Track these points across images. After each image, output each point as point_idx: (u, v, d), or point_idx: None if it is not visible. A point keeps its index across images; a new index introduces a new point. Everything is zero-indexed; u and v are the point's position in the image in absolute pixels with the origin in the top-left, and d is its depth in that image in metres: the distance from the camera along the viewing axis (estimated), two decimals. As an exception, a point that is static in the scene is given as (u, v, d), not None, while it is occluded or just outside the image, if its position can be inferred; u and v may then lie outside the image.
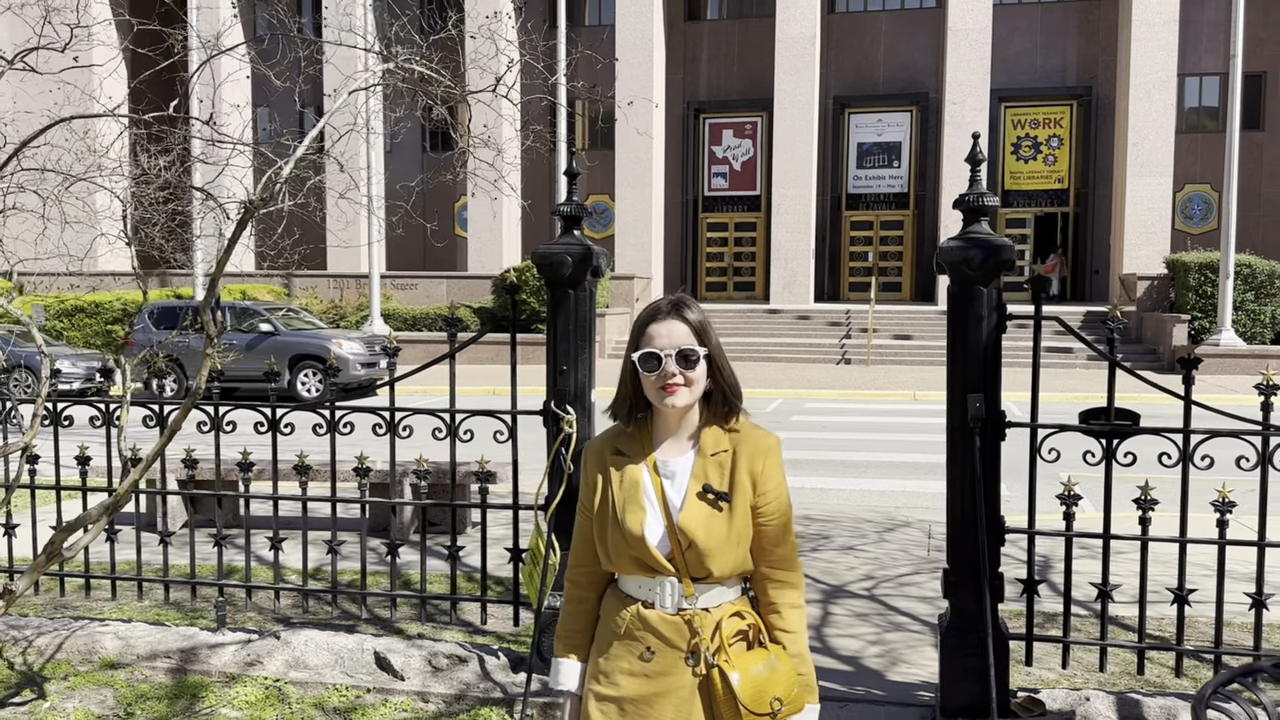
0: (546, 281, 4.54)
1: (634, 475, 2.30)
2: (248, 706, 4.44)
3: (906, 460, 12.12)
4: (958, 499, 4.22)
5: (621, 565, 2.29)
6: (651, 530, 2.25)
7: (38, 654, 4.93)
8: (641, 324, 2.30)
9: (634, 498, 2.27)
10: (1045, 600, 5.81)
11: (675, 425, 2.31)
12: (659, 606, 2.26)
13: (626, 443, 2.35)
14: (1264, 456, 4.14)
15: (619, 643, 2.29)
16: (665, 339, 2.24)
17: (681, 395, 2.24)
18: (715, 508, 2.24)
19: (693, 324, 2.26)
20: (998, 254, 4.08)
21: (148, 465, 3.82)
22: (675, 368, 2.22)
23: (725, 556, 2.24)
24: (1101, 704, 4.17)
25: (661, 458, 2.32)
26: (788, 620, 2.31)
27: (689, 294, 19.06)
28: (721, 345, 2.31)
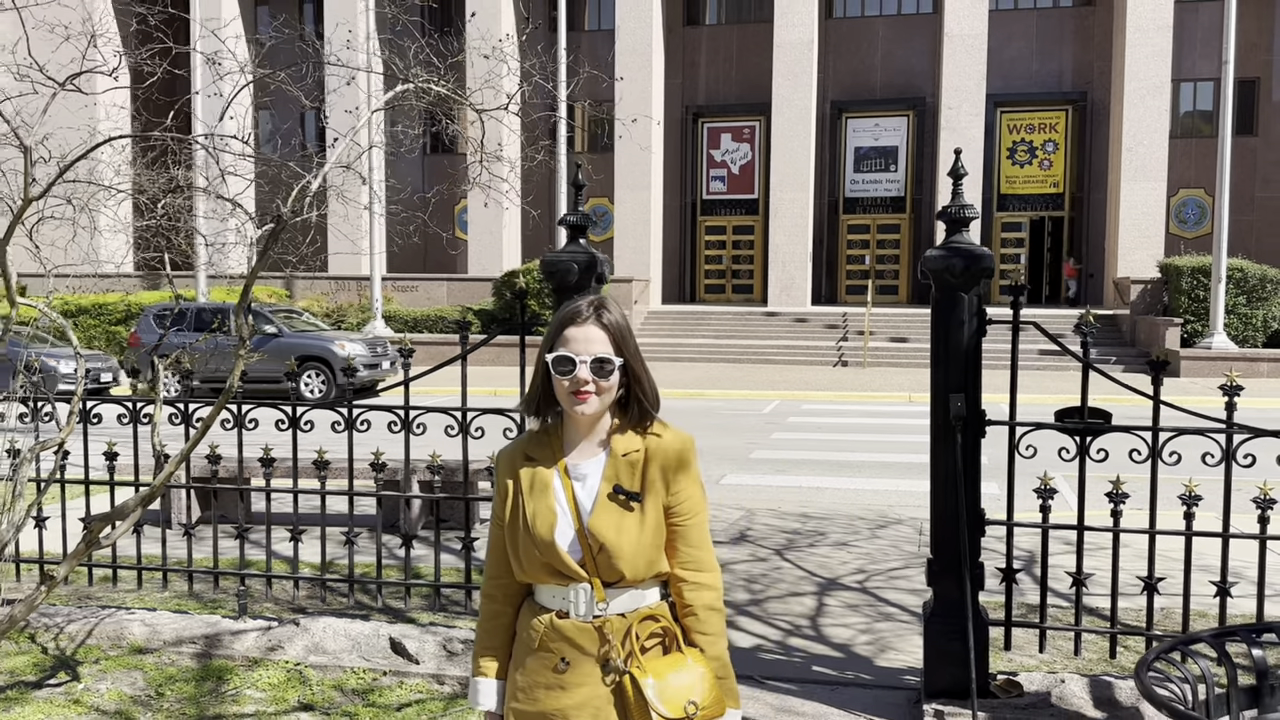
0: (554, 288, 4.81)
1: (544, 479, 2.26)
2: (271, 688, 4.70)
3: (900, 460, 12.39)
4: (941, 493, 4.49)
5: (535, 574, 2.24)
6: (562, 534, 2.20)
7: (69, 639, 5.19)
8: (560, 323, 2.24)
9: (544, 502, 2.23)
10: (1027, 594, 6.08)
11: (587, 430, 2.27)
12: (573, 615, 2.22)
13: (536, 448, 2.30)
14: (1228, 453, 4.41)
15: (534, 656, 2.24)
16: (581, 344, 2.19)
17: (591, 403, 2.20)
18: (626, 508, 2.21)
19: (611, 330, 2.21)
20: (978, 262, 4.35)
21: (182, 459, 4.09)
22: (589, 375, 2.18)
23: (637, 558, 2.20)
24: (1076, 686, 4.44)
25: (572, 461, 2.28)
26: (704, 622, 2.27)
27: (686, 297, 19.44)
28: (640, 351, 2.27)
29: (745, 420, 16.43)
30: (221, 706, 4.51)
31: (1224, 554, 4.49)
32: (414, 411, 5.24)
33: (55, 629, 5.27)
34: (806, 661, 5.19)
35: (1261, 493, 4.39)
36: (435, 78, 4.30)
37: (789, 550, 7.47)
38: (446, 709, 4.50)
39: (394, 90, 4.35)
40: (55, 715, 4.37)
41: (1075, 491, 4.73)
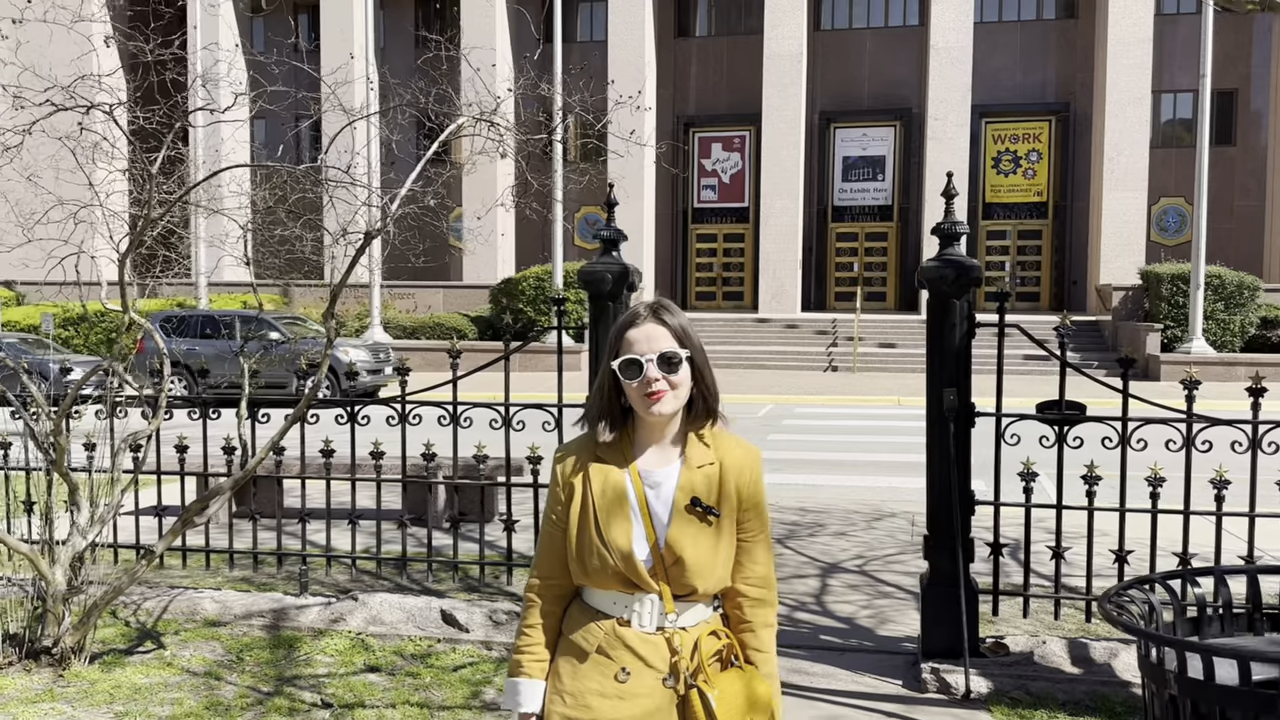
0: (590, 295, 5.38)
1: (617, 484, 2.19)
2: (338, 654, 5.25)
3: (891, 460, 12.98)
4: (935, 477, 5.08)
5: (599, 580, 2.18)
6: (637, 544, 2.16)
7: (147, 615, 5.73)
8: (620, 330, 2.21)
9: (618, 509, 2.17)
10: (1013, 575, 6.66)
11: (659, 433, 2.23)
12: (636, 624, 2.17)
13: (606, 450, 2.24)
14: (1188, 439, 5.01)
15: (589, 662, 2.18)
16: (646, 344, 2.15)
17: (667, 401, 2.16)
18: (704, 522, 2.17)
19: (673, 327, 2.18)
20: (968, 273, 4.94)
21: (269, 448, 4.64)
22: (658, 373, 2.14)
23: (710, 573, 2.17)
24: (1055, 646, 5.03)
25: (644, 466, 2.22)
26: (762, 639, 2.26)
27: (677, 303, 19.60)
28: (704, 348, 2.25)
29: (741, 424, 17.01)
30: (297, 669, 5.06)
31: (1185, 528, 5.08)
32: (461, 407, 5.80)
33: (133, 606, 5.80)
34: (814, 632, 5.75)
35: (1217, 474, 4.99)
36: (431, 90, 4.82)
37: (790, 539, 8.03)
38: (497, 669, 5.05)
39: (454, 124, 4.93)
40: (153, 674, 4.91)
41: (1055, 479, 5.31)
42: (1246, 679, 2.59)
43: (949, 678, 4.88)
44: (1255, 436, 4.97)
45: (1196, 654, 2.64)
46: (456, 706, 4.62)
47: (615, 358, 2.18)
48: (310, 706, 4.59)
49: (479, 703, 4.66)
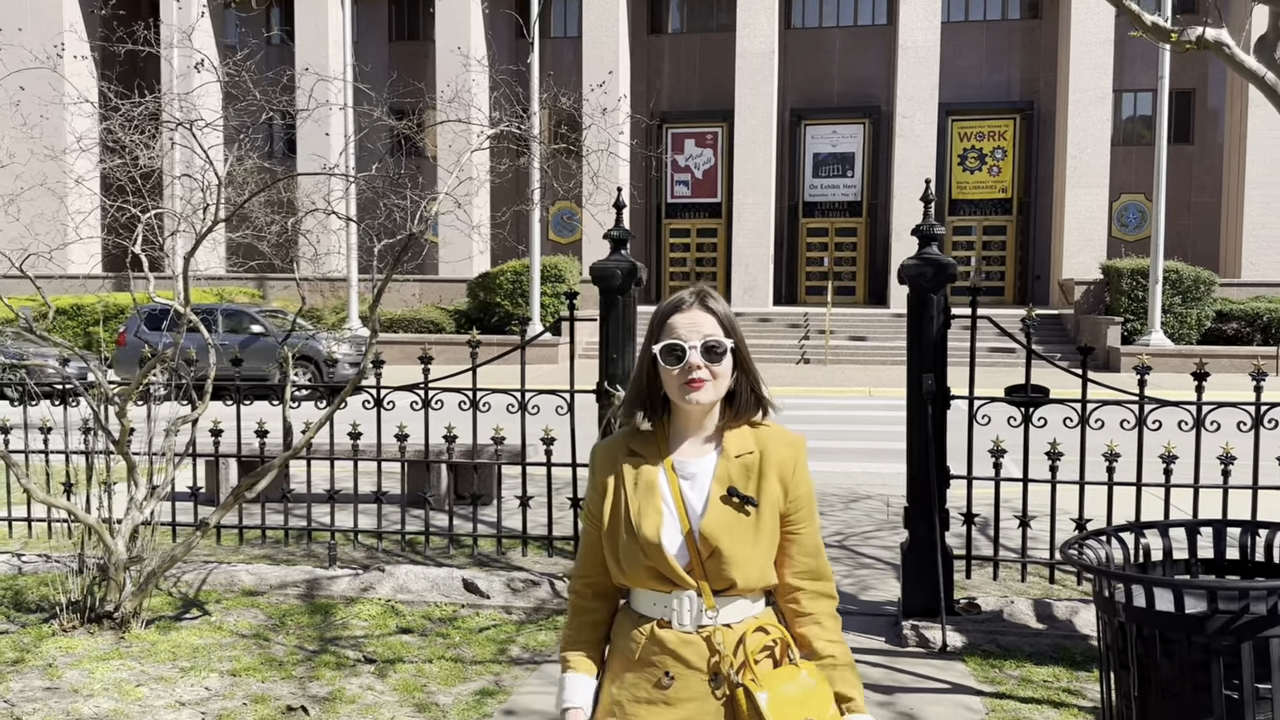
0: (601, 290, 5.88)
1: (649, 477, 2.14)
2: (371, 618, 5.73)
3: (864, 446, 13.56)
4: (915, 453, 5.63)
5: (635, 578, 2.13)
6: (669, 537, 2.09)
7: (188, 586, 6.18)
8: (663, 315, 2.16)
9: (650, 501, 2.11)
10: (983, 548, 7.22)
11: (696, 424, 2.16)
12: (676, 624, 2.09)
13: (640, 443, 2.19)
14: (1140, 419, 5.60)
15: (633, 669, 2.12)
16: (689, 329, 2.09)
17: (706, 391, 2.09)
18: (741, 512, 2.10)
19: (719, 315, 2.13)
20: (945, 270, 5.49)
21: (318, 429, 5.12)
22: (700, 360, 2.08)
23: (750, 566, 2.09)
24: (1023, 605, 5.60)
25: (679, 458, 2.16)
26: (829, 629, 2.17)
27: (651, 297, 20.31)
28: (745, 337, 2.19)
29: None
30: (336, 631, 5.54)
31: (1137, 498, 5.66)
32: (480, 393, 6.29)
33: (174, 577, 6.25)
34: (803, 598, 6.29)
35: (1166, 450, 5.58)
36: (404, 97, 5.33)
37: (776, 518, 8.57)
38: (519, 630, 5.56)
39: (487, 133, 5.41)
40: (207, 636, 5.38)
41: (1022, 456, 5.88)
42: (1181, 606, 3.14)
43: (927, 634, 5.43)
44: (1199, 416, 5.56)
45: (1140, 586, 3.19)
46: (487, 661, 5.12)
47: (656, 342, 2.12)
48: (355, 662, 5.08)
49: (506, 658, 5.17)
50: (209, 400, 5.71)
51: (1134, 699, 3.25)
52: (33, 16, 33.74)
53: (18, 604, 5.89)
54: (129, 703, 4.55)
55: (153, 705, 4.53)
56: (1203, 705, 3.10)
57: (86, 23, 34.92)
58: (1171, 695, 3.16)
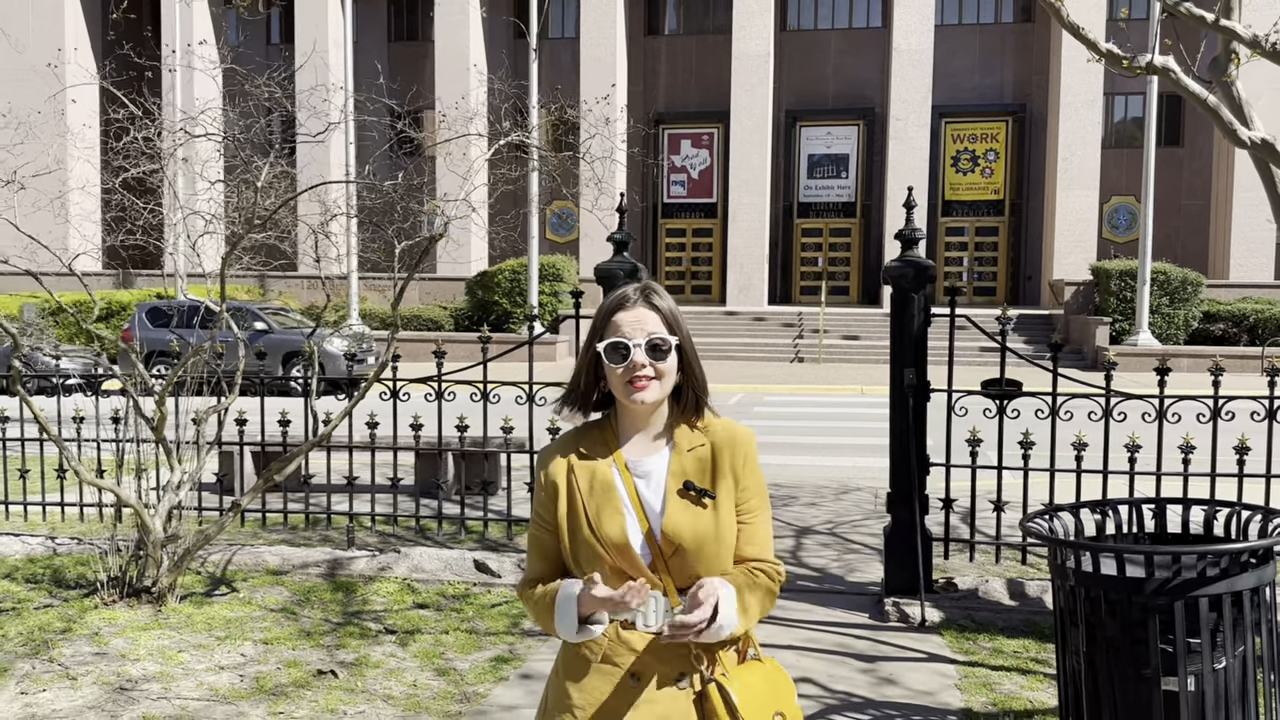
0: (604, 291, 6.28)
1: (604, 477, 2.11)
2: (389, 595, 6.14)
3: (855, 442, 13.98)
4: (897, 442, 6.05)
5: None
6: (633, 537, 2.07)
7: (215, 566, 6.58)
8: (607, 311, 2.13)
9: (608, 502, 2.08)
10: (961, 531, 7.65)
11: (644, 422, 2.15)
12: (641, 624, 2.06)
13: (589, 443, 2.16)
14: (1106, 411, 6.02)
15: (595, 671, 2.08)
16: (634, 327, 2.07)
17: (651, 390, 2.08)
18: (699, 505, 2.08)
19: (663, 312, 2.11)
20: (925, 271, 5.90)
21: (342, 418, 5.52)
22: (645, 358, 2.06)
23: (714, 560, 2.08)
24: (997, 584, 6.02)
25: (632, 457, 2.14)
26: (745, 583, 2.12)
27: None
28: (691, 337, 2.18)
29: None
30: (357, 606, 5.94)
31: (1104, 484, 6.08)
32: (490, 385, 6.70)
33: (201, 558, 6.64)
34: (791, 579, 6.70)
35: (1131, 439, 6.00)
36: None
37: (769, 507, 8.99)
38: (528, 607, 5.97)
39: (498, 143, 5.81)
40: (238, 610, 5.78)
41: (996, 446, 6.29)
42: (1123, 571, 3.54)
43: (908, 610, 5.85)
44: (1161, 409, 5.98)
45: (1087, 552, 3.60)
46: (500, 632, 5.53)
47: (600, 340, 2.10)
48: (377, 632, 5.49)
49: (518, 630, 5.58)
50: (236, 393, 6.12)
51: (1082, 654, 3.65)
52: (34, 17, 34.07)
53: (57, 581, 6.29)
54: (173, 666, 4.95)
55: (194, 669, 4.93)
56: (1141, 658, 3.51)
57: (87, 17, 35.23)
58: (1115, 650, 3.56)
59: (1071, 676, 3.76)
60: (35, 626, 5.45)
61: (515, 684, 4.83)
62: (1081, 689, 3.69)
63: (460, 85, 33.01)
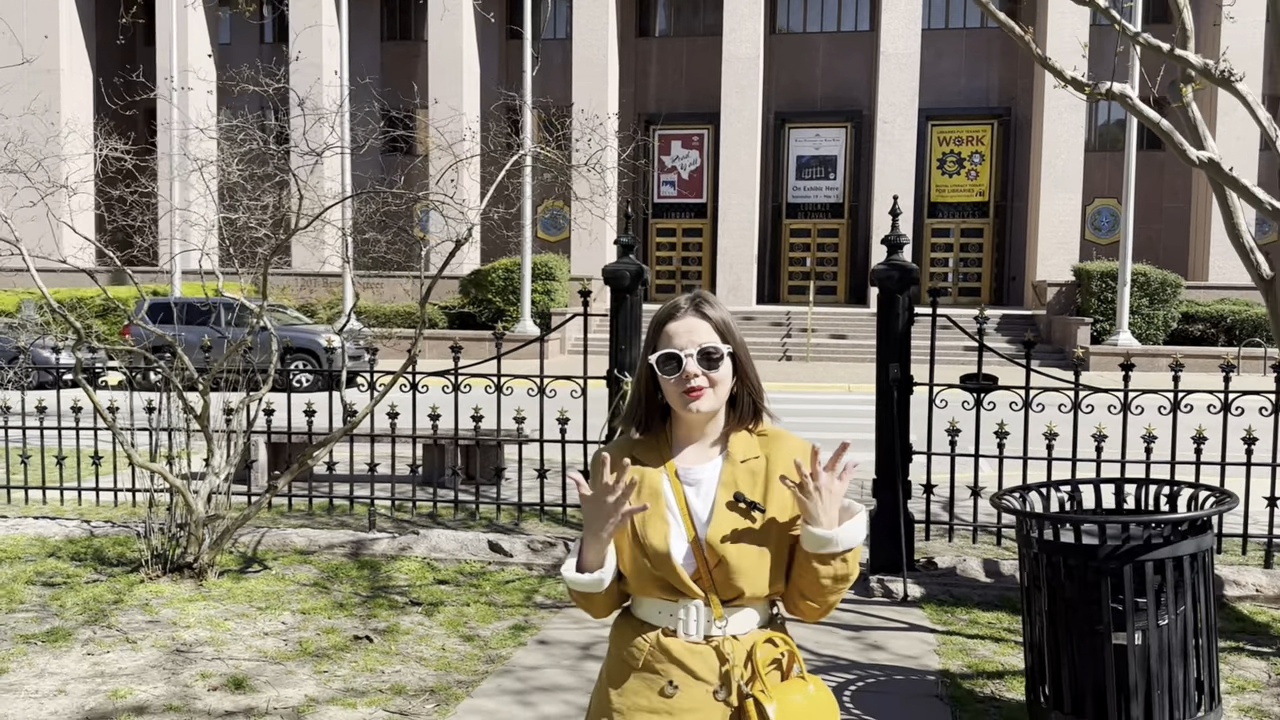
0: (612, 290, 6.76)
1: (653, 483, 2.10)
2: (411, 572, 6.60)
3: (843, 437, 14.35)
4: (882, 433, 6.54)
5: (640, 586, 2.09)
6: (676, 545, 2.05)
7: (246, 547, 7.03)
8: (659, 322, 2.13)
9: (654, 509, 2.07)
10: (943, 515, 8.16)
11: (699, 431, 2.14)
12: (682, 633, 2.05)
13: (642, 450, 2.15)
14: (1075, 404, 6.52)
15: (635, 677, 2.08)
16: (685, 337, 2.07)
17: (706, 399, 2.07)
18: (748, 518, 2.05)
19: (715, 321, 2.10)
20: (909, 274, 6.40)
21: (373, 405, 5.98)
22: (697, 368, 2.05)
23: (758, 574, 2.04)
24: (973, 563, 6.52)
25: (683, 465, 2.13)
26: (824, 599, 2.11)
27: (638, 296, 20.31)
28: (746, 344, 2.17)
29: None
30: (382, 581, 6.41)
31: (1073, 471, 6.59)
32: (504, 378, 7.17)
33: (233, 539, 7.09)
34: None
35: (1098, 430, 6.51)
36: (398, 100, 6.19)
37: (761, 496, 9.48)
38: (541, 583, 6.44)
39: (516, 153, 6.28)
40: (273, 585, 6.24)
41: (974, 436, 6.79)
42: (1079, 539, 4.04)
43: (891, 586, 6.34)
44: (1125, 402, 6.49)
45: (1049, 523, 4.10)
46: (516, 605, 6.01)
47: (653, 352, 2.10)
48: (404, 604, 5.96)
49: (532, 603, 6.06)
50: (270, 384, 6.58)
51: (1045, 613, 4.15)
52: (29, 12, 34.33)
53: (100, 559, 6.73)
54: (221, 632, 5.41)
55: (241, 634, 5.39)
56: (1095, 616, 4.00)
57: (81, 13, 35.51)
58: (1072, 609, 4.05)
59: (1036, 636, 4.26)
60: (89, 598, 5.90)
61: (534, 648, 5.31)
62: (1044, 644, 4.19)
63: (453, 85, 33.45)
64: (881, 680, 5.02)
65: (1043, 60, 4.81)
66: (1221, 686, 4.79)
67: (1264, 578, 6.24)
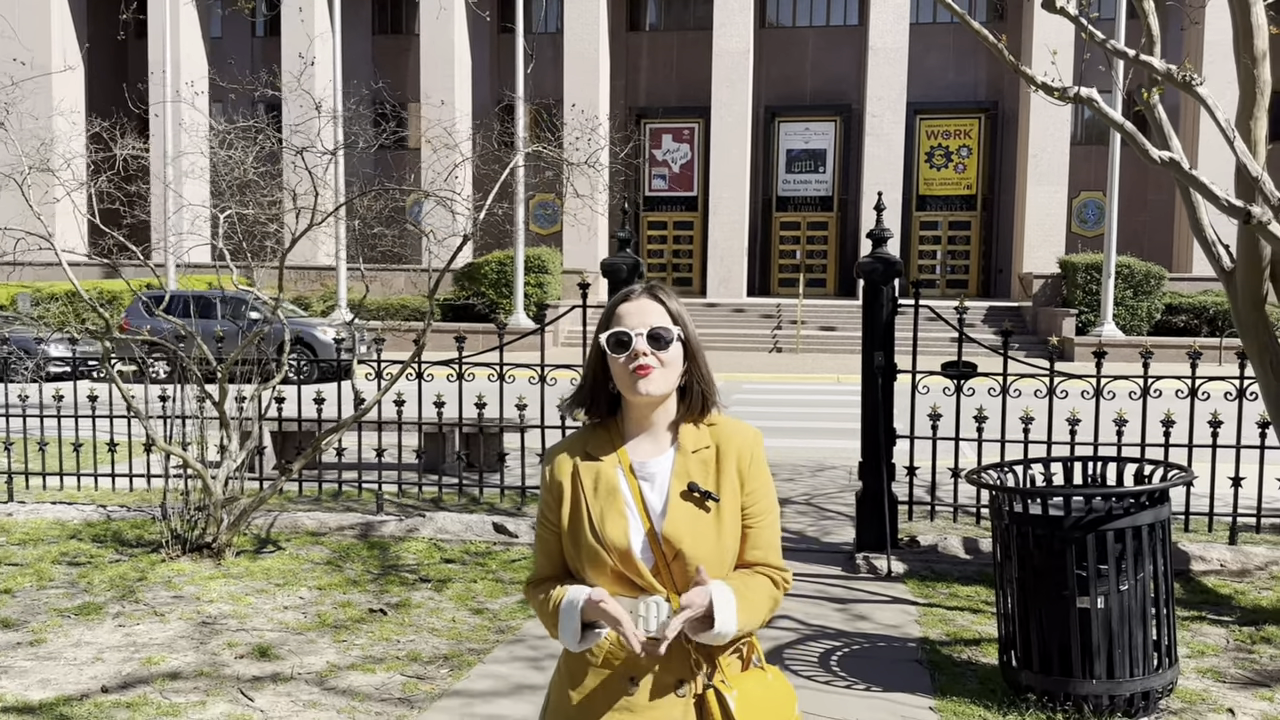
0: (609, 283, 7.08)
1: (609, 479, 2.10)
2: (419, 553, 6.92)
3: (831, 426, 14.83)
4: (868, 417, 6.88)
5: (599, 581, 2.07)
6: (634, 540, 2.06)
7: (259, 529, 7.33)
8: (612, 306, 2.14)
9: (612, 504, 2.08)
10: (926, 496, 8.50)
11: (648, 420, 2.13)
12: (642, 629, 2.02)
13: (595, 444, 2.15)
14: (1050, 389, 6.87)
15: (594, 674, 2.08)
16: (636, 318, 2.08)
17: (655, 379, 2.06)
18: (702, 508, 2.06)
19: (668, 306, 2.12)
20: (892, 267, 6.73)
21: (384, 393, 6.29)
22: (646, 347, 2.05)
23: (716, 564, 2.06)
24: (954, 540, 6.87)
25: (637, 458, 2.13)
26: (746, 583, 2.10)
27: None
28: (697, 337, 2.16)
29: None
30: (392, 560, 6.73)
31: (1048, 452, 6.92)
32: (506, 367, 7.49)
33: (247, 521, 7.40)
34: (776, 540, 7.53)
35: (1072, 414, 6.85)
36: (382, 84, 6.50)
37: (752, 482, 9.82)
38: (543, 561, 6.76)
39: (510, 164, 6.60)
40: (289, 564, 6.56)
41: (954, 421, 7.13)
42: (1047, 511, 4.38)
43: (876, 563, 6.68)
44: (1098, 387, 6.84)
45: (1018, 495, 4.44)
46: (521, 582, 6.33)
47: (604, 331, 2.11)
48: (414, 581, 6.28)
49: (536, 579, 6.37)
50: (284, 372, 6.88)
51: (1015, 580, 4.49)
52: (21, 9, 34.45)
53: (120, 541, 7.04)
54: (243, 606, 5.73)
55: (262, 608, 5.71)
56: (1062, 581, 4.34)
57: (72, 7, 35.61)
58: (1040, 575, 4.39)
59: (1008, 603, 4.60)
60: (115, 576, 6.21)
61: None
62: (1015, 610, 4.53)
63: (445, 79, 33.70)
64: (866, 647, 5.35)
65: (1016, 67, 5.14)
66: (1183, 651, 5.15)
67: (1228, 553, 6.60)
